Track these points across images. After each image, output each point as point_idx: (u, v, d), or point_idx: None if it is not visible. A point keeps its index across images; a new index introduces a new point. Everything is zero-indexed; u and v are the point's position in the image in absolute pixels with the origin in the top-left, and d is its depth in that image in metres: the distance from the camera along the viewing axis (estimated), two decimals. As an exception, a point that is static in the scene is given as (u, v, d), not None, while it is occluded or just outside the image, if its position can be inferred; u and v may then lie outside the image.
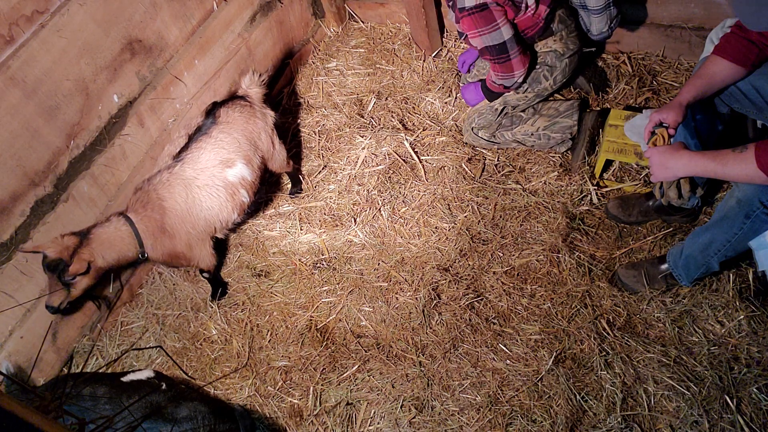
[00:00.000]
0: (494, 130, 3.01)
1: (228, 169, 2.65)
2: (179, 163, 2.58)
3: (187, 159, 2.59)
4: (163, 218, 2.54)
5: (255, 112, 2.82)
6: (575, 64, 2.87)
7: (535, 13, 2.67)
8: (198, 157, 2.60)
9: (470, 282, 2.68)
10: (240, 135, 2.71)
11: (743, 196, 2.01)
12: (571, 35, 2.78)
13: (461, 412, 2.34)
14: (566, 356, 2.40)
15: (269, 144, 2.88)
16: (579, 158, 2.91)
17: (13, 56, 2.16)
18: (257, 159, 2.79)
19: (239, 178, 2.69)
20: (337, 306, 2.74)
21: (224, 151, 2.65)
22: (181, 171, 2.57)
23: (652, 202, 2.65)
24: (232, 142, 2.67)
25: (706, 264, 2.24)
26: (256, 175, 2.79)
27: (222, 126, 2.67)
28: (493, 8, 2.55)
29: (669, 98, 3.05)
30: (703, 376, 2.25)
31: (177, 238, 2.60)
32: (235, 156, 2.67)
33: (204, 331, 2.81)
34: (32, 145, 2.32)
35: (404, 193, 3.03)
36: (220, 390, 2.61)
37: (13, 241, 2.37)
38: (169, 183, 2.54)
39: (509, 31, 2.61)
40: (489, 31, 2.59)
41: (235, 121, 2.71)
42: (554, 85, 2.86)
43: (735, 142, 2.54)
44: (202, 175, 2.60)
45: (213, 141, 2.64)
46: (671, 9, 2.96)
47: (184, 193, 2.56)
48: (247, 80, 2.87)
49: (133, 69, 2.64)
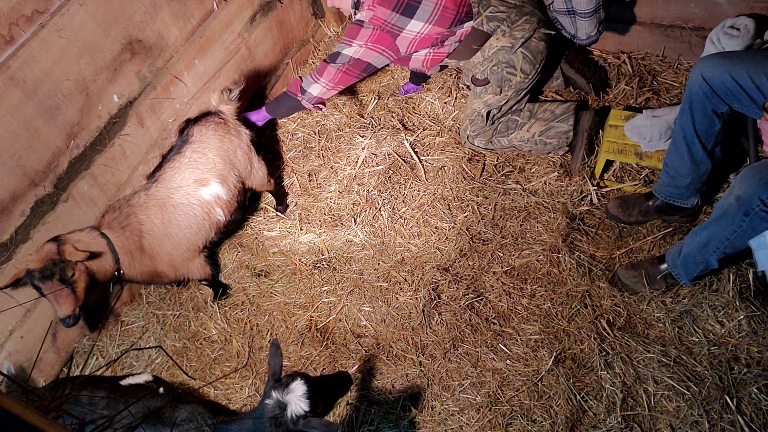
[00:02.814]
0: (490, 137, 3.00)
1: (203, 187, 2.60)
2: (153, 184, 2.53)
3: (161, 179, 2.54)
4: (141, 239, 2.48)
5: (229, 129, 2.75)
6: (540, 47, 2.77)
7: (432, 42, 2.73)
8: (172, 176, 2.55)
9: (470, 282, 2.68)
10: (213, 153, 2.65)
11: (743, 194, 2.01)
12: (516, 25, 2.72)
13: (461, 412, 2.34)
14: (566, 356, 2.40)
15: (246, 162, 2.81)
16: (578, 161, 2.91)
17: (13, 56, 2.16)
18: (233, 177, 2.72)
19: (214, 197, 2.64)
20: (337, 306, 2.74)
21: (198, 170, 2.60)
22: (156, 191, 2.53)
23: (651, 202, 2.65)
24: (205, 162, 2.62)
25: (705, 262, 2.24)
26: (232, 193, 2.73)
27: (195, 145, 2.61)
28: (369, 21, 2.66)
29: (669, 98, 3.05)
30: (703, 376, 2.25)
31: (158, 259, 2.56)
32: (209, 175, 2.62)
33: (204, 331, 2.81)
34: (32, 145, 2.32)
35: (404, 193, 3.03)
36: (220, 390, 2.61)
37: (13, 241, 2.37)
38: (145, 204, 2.50)
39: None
40: (349, 42, 2.73)
41: (209, 139, 2.65)
42: (527, 76, 2.80)
43: (734, 141, 2.55)
44: (176, 194, 2.55)
45: (186, 161, 2.59)
46: (671, 9, 2.97)
47: (160, 213, 2.52)
48: (216, 98, 2.79)
49: (133, 69, 2.64)
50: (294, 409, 1.72)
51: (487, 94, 2.89)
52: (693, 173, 2.44)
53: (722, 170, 2.60)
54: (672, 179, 2.51)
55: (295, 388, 1.74)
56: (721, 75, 2.15)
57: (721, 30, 2.68)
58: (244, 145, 2.80)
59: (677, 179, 2.49)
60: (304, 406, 1.72)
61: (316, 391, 1.77)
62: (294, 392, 1.74)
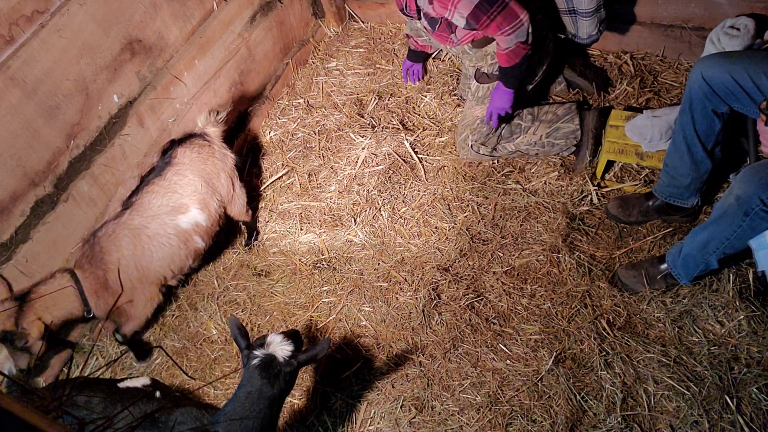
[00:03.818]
0: (495, 144, 2.93)
1: (181, 215, 2.50)
2: (127, 211, 2.43)
3: (136, 205, 2.44)
4: (106, 274, 2.37)
5: (214, 152, 2.67)
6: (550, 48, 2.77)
7: None
8: (148, 202, 2.44)
9: (470, 282, 2.68)
10: (196, 177, 2.55)
11: (743, 194, 2.01)
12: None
13: (461, 412, 2.34)
14: (566, 356, 2.40)
15: (229, 186, 2.73)
16: (585, 160, 2.90)
17: (13, 56, 2.16)
18: (215, 202, 2.63)
19: (193, 225, 2.54)
20: (337, 306, 2.74)
21: (177, 195, 2.49)
22: (129, 220, 2.41)
23: (651, 202, 2.65)
24: (187, 185, 2.52)
25: (705, 262, 2.24)
26: (213, 219, 2.64)
27: (177, 167, 2.51)
28: None
29: (669, 98, 3.05)
30: (703, 376, 2.25)
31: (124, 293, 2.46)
32: (189, 200, 2.52)
33: (204, 331, 2.81)
34: (32, 145, 2.32)
35: (404, 193, 3.03)
36: (220, 390, 2.61)
37: (13, 241, 2.37)
38: (114, 234, 2.38)
39: None
40: None
41: (192, 161, 2.55)
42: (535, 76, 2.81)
43: (734, 141, 2.55)
44: (152, 223, 2.44)
45: (166, 184, 2.48)
46: (671, 9, 2.96)
47: (131, 244, 2.40)
48: (202, 119, 2.72)
49: (133, 69, 2.64)
50: (282, 354, 1.84)
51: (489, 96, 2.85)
52: (693, 173, 2.44)
53: (722, 170, 2.60)
54: (672, 179, 2.51)
55: (273, 339, 1.88)
56: (721, 75, 2.15)
57: (721, 30, 2.68)
58: (228, 168, 2.72)
59: (677, 179, 2.49)
60: (288, 347, 1.86)
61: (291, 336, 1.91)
62: (274, 342, 1.87)
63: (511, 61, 2.59)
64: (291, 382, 1.89)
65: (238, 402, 1.82)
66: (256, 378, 1.82)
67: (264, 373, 1.82)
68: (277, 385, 1.82)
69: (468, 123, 2.93)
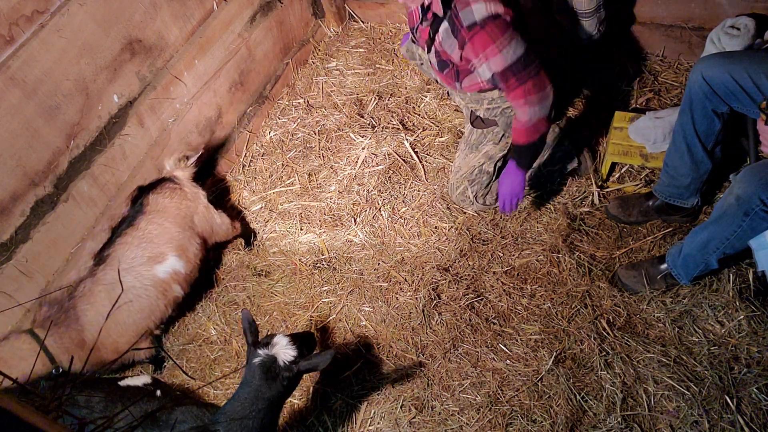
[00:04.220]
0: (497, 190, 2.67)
1: (157, 264, 2.42)
2: (100, 267, 2.35)
3: (110, 259, 2.35)
4: (82, 334, 2.30)
5: (186, 194, 2.61)
6: None
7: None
8: (122, 255, 2.36)
9: (470, 282, 2.68)
10: (171, 223, 2.49)
11: (743, 194, 2.01)
12: None
13: (461, 412, 2.34)
14: (566, 356, 2.40)
15: (206, 223, 2.69)
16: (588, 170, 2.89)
17: (13, 56, 2.16)
18: (194, 245, 2.58)
19: (171, 273, 2.47)
20: (337, 306, 2.74)
21: (153, 244, 2.42)
22: (103, 276, 2.32)
23: (652, 202, 2.65)
24: (162, 233, 2.45)
25: (705, 262, 2.24)
26: (193, 264, 2.59)
27: (150, 215, 2.45)
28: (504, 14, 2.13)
29: (670, 98, 3.05)
30: (703, 376, 2.25)
31: (103, 350, 2.39)
32: (165, 249, 2.45)
33: (203, 332, 2.81)
34: (32, 145, 2.32)
35: (404, 193, 3.03)
36: (220, 390, 2.61)
37: (13, 241, 2.37)
38: (90, 293, 2.30)
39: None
40: (509, 40, 2.12)
41: (165, 208, 2.49)
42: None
43: (734, 141, 2.55)
44: (127, 276, 2.35)
45: (140, 234, 2.41)
46: (671, 9, 2.96)
47: (107, 300, 2.32)
48: (171, 164, 2.66)
49: (133, 69, 2.64)
50: (284, 357, 1.84)
51: (486, 143, 2.65)
52: (693, 173, 2.44)
53: (722, 170, 2.60)
54: (672, 179, 2.51)
55: (278, 341, 1.88)
56: (721, 75, 2.15)
57: (721, 30, 2.68)
58: (201, 207, 2.67)
59: (677, 179, 2.49)
60: (291, 351, 1.86)
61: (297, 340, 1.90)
62: (278, 344, 1.87)
63: (530, 137, 2.31)
64: (290, 386, 1.89)
65: (238, 401, 1.83)
66: (256, 377, 1.83)
67: (263, 373, 1.82)
68: (274, 387, 1.83)
69: (465, 175, 2.72)
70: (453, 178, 2.80)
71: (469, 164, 2.71)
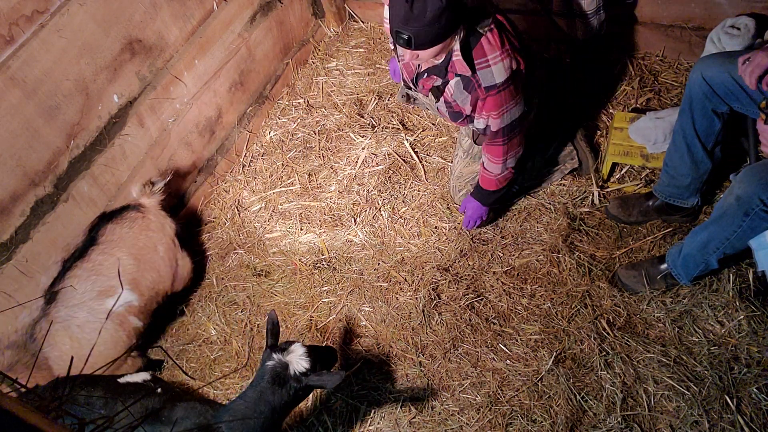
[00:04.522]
0: None
1: (109, 298, 2.32)
2: (52, 305, 2.26)
3: (60, 296, 2.27)
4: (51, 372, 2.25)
5: (149, 223, 2.50)
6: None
7: None
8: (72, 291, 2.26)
9: (470, 282, 2.68)
10: (125, 254, 2.38)
11: (743, 194, 2.01)
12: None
13: (461, 412, 2.34)
14: (566, 356, 2.40)
15: (168, 259, 2.56)
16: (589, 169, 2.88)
17: (13, 56, 2.16)
18: (148, 279, 2.47)
19: (125, 307, 2.38)
20: (337, 306, 2.74)
21: (104, 277, 2.32)
22: (57, 313, 2.24)
23: (652, 202, 2.65)
24: (114, 266, 2.34)
25: (705, 262, 2.24)
26: (148, 296, 2.48)
27: (104, 246, 2.35)
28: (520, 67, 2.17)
29: (670, 98, 3.05)
30: (703, 376, 2.25)
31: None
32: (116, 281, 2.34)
33: (203, 332, 2.81)
34: (32, 145, 2.31)
35: (404, 193, 3.03)
36: (220, 390, 2.61)
37: (13, 241, 2.37)
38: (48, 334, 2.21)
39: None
40: (514, 104, 2.20)
41: (121, 238, 2.39)
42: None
43: (734, 141, 2.55)
44: (78, 312, 2.26)
45: (91, 266, 2.31)
46: (671, 9, 2.96)
47: (67, 337, 2.25)
48: (136, 191, 2.56)
49: (133, 69, 2.64)
50: (296, 367, 1.82)
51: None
52: (693, 173, 2.44)
53: (722, 170, 2.60)
54: (672, 179, 2.51)
55: (295, 349, 1.85)
56: (721, 75, 2.15)
57: (721, 29, 2.67)
58: (167, 239, 2.55)
59: (677, 179, 2.49)
60: (305, 363, 1.82)
61: (314, 353, 1.88)
62: (294, 353, 1.84)
63: (500, 185, 2.50)
64: (297, 397, 1.87)
65: (243, 401, 1.82)
66: (264, 380, 1.82)
67: (272, 378, 1.81)
68: (280, 394, 1.81)
69: (467, 180, 2.77)
70: (454, 182, 2.83)
71: (471, 170, 2.75)
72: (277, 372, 1.81)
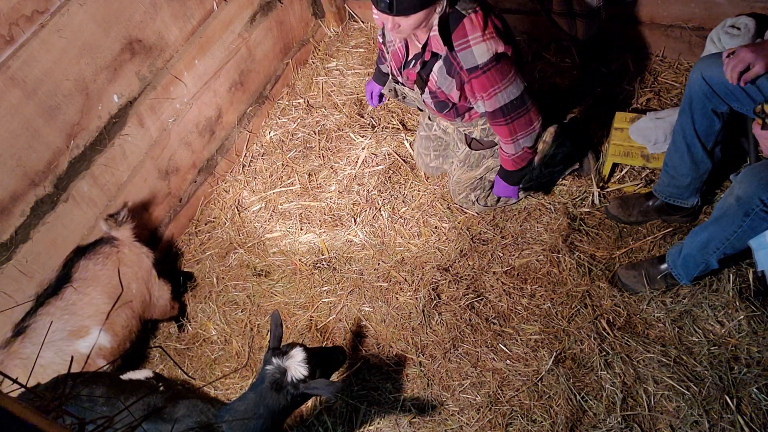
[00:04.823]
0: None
1: (79, 339, 2.23)
2: (19, 338, 2.18)
3: (29, 331, 2.19)
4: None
5: (124, 257, 2.43)
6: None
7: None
8: (42, 327, 2.18)
9: (470, 282, 2.68)
10: (99, 293, 2.30)
11: (743, 194, 2.01)
12: None
13: (461, 412, 2.34)
14: (566, 356, 2.40)
15: (144, 292, 2.48)
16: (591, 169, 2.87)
17: (13, 56, 2.16)
18: (123, 317, 2.39)
19: (95, 349, 2.28)
20: (337, 306, 2.74)
21: (76, 317, 2.24)
22: (21, 348, 2.15)
23: (652, 202, 2.65)
24: (87, 304, 2.26)
25: (705, 262, 2.24)
26: (121, 337, 2.39)
27: (77, 283, 2.28)
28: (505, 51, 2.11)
29: (670, 98, 3.05)
30: (703, 376, 2.25)
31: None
32: (89, 322, 2.26)
33: (203, 332, 2.81)
34: (32, 145, 2.31)
35: (404, 193, 3.03)
36: (220, 390, 2.61)
37: (13, 241, 2.37)
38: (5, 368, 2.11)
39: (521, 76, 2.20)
40: (506, 84, 2.14)
41: (96, 275, 2.31)
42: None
43: (734, 141, 2.55)
44: (46, 352, 2.17)
45: (63, 305, 2.23)
46: (671, 9, 2.96)
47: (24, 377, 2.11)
48: (105, 226, 2.47)
49: (133, 69, 2.64)
50: (293, 374, 1.79)
51: (486, 159, 2.64)
52: (693, 173, 2.44)
53: (722, 170, 2.60)
54: (672, 179, 2.51)
55: (295, 355, 1.82)
56: (720, 75, 2.15)
57: (721, 29, 2.67)
58: (142, 272, 2.48)
59: (677, 179, 2.49)
60: (303, 370, 1.80)
61: (314, 359, 1.85)
62: (293, 358, 1.81)
63: (517, 165, 2.43)
64: (294, 403, 1.85)
65: (243, 402, 1.82)
66: (263, 383, 1.81)
67: (270, 383, 1.80)
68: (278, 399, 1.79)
69: (467, 185, 2.75)
70: (454, 187, 2.81)
71: (471, 176, 2.72)
72: (276, 377, 1.80)
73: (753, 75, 2.04)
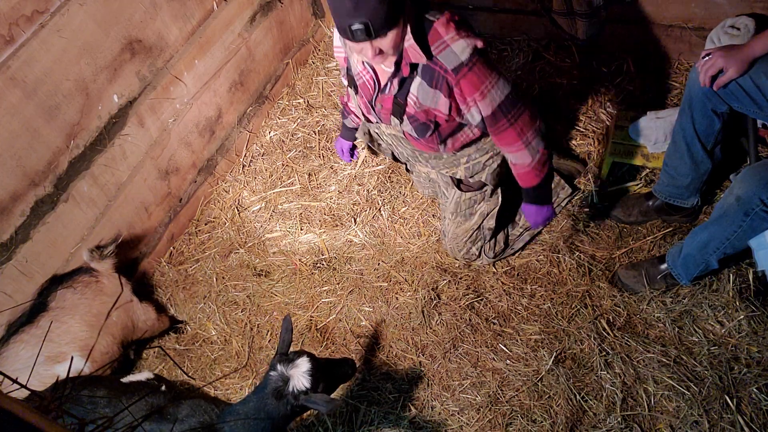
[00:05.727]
0: (505, 238, 2.66)
1: (57, 364, 2.22)
2: None
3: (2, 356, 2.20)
4: None
5: (103, 288, 2.44)
6: None
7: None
8: (16, 354, 2.17)
9: (470, 282, 2.68)
10: (77, 321, 2.30)
11: (743, 194, 2.01)
12: None
13: (461, 412, 2.34)
14: (566, 356, 2.40)
15: (125, 319, 2.50)
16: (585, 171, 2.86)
17: (13, 56, 2.16)
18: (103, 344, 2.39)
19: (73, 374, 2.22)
20: (337, 306, 2.74)
21: (54, 344, 2.24)
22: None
23: (651, 202, 2.65)
24: (65, 332, 2.26)
25: (705, 262, 2.24)
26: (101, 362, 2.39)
27: (54, 312, 2.27)
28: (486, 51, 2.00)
29: (670, 98, 3.05)
30: (703, 376, 2.25)
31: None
32: (68, 348, 2.25)
33: (203, 332, 2.81)
34: (32, 145, 2.31)
35: (404, 193, 3.03)
36: (220, 390, 2.61)
37: (13, 241, 2.37)
38: None
39: None
40: (495, 80, 1.97)
41: (74, 305, 2.31)
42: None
43: (734, 141, 2.55)
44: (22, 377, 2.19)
45: (40, 333, 2.22)
46: (671, 9, 2.96)
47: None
48: (86, 256, 2.47)
49: (133, 69, 2.64)
50: (295, 384, 1.76)
51: (478, 204, 2.47)
52: (693, 173, 2.44)
53: (722, 170, 2.60)
54: (672, 179, 2.51)
55: (300, 364, 1.79)
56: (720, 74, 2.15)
57: (721, 29, 2.67)
58: (122, 300, 2.51)
59: (677, 179, 2.49)
60: (305, 382, 1.76)
61: (320, 370, 1.81)
62: (298, 368, 1.78)
63: (540, 174, 2.15)
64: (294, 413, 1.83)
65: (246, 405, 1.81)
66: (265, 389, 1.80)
67: (272, 390, 1.79)
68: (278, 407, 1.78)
69: (464, 239, 2.57)
70: (452, 245, 2.62)
71: (467, 228, 2.53)
72: (278, 384, 1.78)
73: (726, 80, 2.05)
